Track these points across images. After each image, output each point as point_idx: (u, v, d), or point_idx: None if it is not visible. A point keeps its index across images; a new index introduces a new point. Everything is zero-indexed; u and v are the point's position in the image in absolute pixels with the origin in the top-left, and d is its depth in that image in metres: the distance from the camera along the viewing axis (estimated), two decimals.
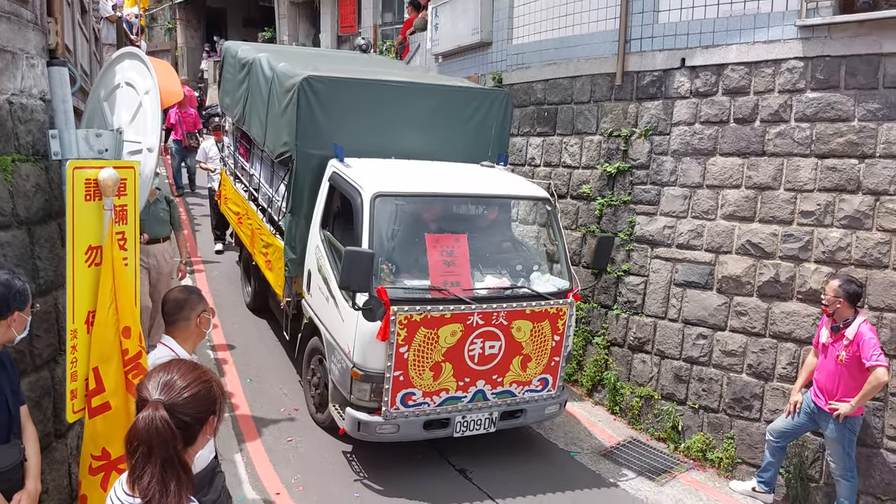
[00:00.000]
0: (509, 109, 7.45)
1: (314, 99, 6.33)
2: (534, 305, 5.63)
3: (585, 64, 8.42)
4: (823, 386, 5.68)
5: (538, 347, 5.76)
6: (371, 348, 5.25)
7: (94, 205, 3.19)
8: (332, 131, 6.43)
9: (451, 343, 5.37)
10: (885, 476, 5.82)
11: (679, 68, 7.41)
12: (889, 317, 5.89)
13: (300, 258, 6.58)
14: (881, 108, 6.04)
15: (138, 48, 10.81)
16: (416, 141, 6.84)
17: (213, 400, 2.07)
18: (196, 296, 3.51)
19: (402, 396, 5.34)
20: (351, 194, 5.78)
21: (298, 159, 6.45)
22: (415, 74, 8.11)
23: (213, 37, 26.05)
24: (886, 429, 5.84)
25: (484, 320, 5.43)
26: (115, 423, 3.20)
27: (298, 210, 6.55)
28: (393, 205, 5.75)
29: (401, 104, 6.74)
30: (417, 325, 5.21)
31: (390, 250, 5.66)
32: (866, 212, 6.06)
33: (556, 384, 5.99)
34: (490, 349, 5.53)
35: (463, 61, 11.08)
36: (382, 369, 5.27)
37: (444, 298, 5.37)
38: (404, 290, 5.39)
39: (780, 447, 6.03)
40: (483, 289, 5.65)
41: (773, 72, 6.66)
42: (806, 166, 6.42)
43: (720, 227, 6.96)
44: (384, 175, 6.05)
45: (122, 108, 3.87)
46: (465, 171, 6.65)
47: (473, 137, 7.18)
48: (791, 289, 6.43)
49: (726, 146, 6.99)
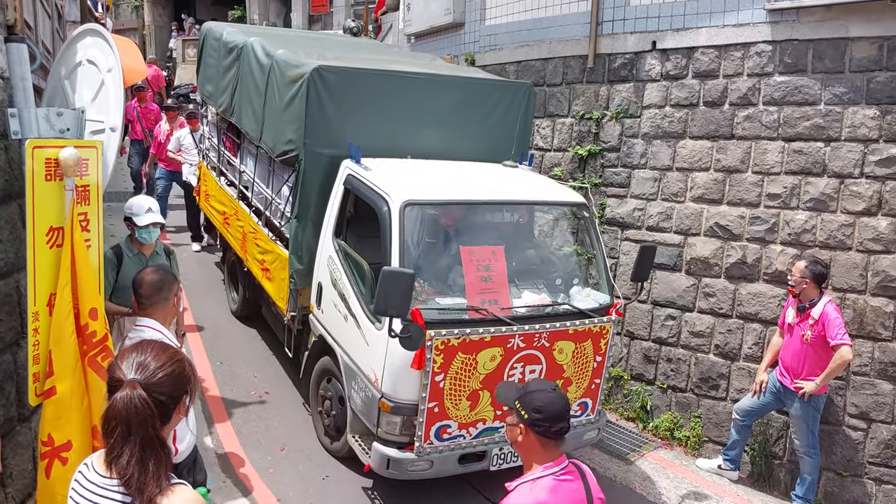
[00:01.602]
0: (532, 103, 6.80)
1: (325, 92, 5.66)
2: (577, 325, 5.08)
3: (558, 46, 8.41)
4: (789, 365, 5.79)
5: (579, 370, 5.22)
6: (403, 377, 4.67)
7: (55, 185, 3.12)
8: (344, 128, 5.81)
9: (490, 369, 4.80)
10: (847, 452, 5.96)
11: (650, 51, 7.43)
12: (852, 297, 6.01)
13: (308, 269, 5.94)
14: (847, 92, 6.12)
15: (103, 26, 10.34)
16: (433, 138, 6.24)
17: (186, 379, 2.07)
18: (171, 275, 3.55)
19: (436, 430, 4.76)
20: (374, 201, 5.14)
21: (307, 159, 5.77)
22: (423, 63, 7.41)
23: (181, 15, 25.60)
24: (848, 407, 5.98)
25: (525, 342, 4.86)
26: (61, 409, 3.12)
27: (306, 216, 5.89)
28: (424, 214, 5.15)
29: (418, 98, 6.12)
30: (455, 350, 4.64)
31: (422, 265, 5.06)
32: (831, 194, 6.16)
33: (596, 408, 5.48)
34: (531, 374, 4.99)
35: (436, 42, 11.00)
36: (415, 400, 4.68)
37: (482, 319, 4.80)
38: (439, 311, 4.81)
39: (745, 426, 6.15)
40: (522, 307, 5.08)
41: (742, 55, 6.72)
42: (773, 149, 6.50)
43: (689, 210, 7.03)
44: (411, 180, 5.43)
45: (83, 86, 3.78)
46: (492, 173, 6.05)
47: (494, 134, 6.55)
48: (757, 270, 6.52)
49: (696, 129, 7.04)
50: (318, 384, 5.87)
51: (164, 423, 2.00)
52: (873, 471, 5.87)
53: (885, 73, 5.95)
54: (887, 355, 5.83)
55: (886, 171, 5.91)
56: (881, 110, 5.95)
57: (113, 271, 4.56)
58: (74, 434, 3.15)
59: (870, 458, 5.88)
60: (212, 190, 8.80)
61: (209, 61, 8.88)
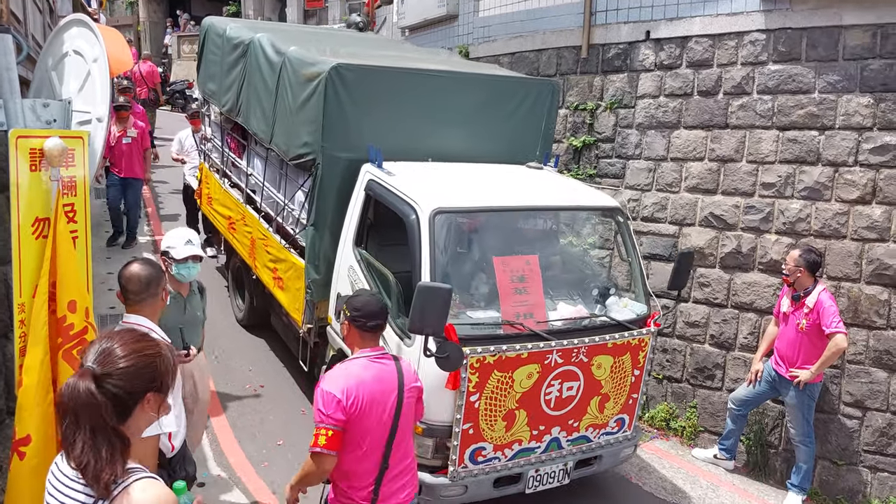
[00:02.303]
0: (556, 101, 6.50)
1: (344, 92, 5.34)
2: (616, 338, 4.81)
3: (552, 36, 8.38)
4: (784, 354, 5.79)
5: (617, 385, 4.95)
6: (436, 398, 4.34)
7: (40, 175, 3.10)
8: (363, 129, 5.50)
9: (527, 387, 4.54)
10: (842, 441, 5.96)
11: (644, 41, 7.40)
12: (847, 286, 6.01)
13: (325, 279, 5.60)
14: (841, 80, 6.10)
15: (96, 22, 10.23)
16: (454, 139, 5.93)
17: (150, 376, 1.94)
18: (158, 269, 3.45)
19: (471, 452, 4.51)
20: (399, 209, 4.85)
21: (324, 164, 5.45)
22: (440, 59, 7.09)
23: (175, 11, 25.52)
24: (843, 395, 5.98)
25: (563, 358, 4.59)
26: (25, 401, 3.01)
27: (323, 223, 5.58)
28: (454, 222, 4.88)
29: (439, 97, 5.80)
30: (490, 368, 4.38)
31: (453, 277, 4.75)
32: (825, 183, 6.15)
33: (633, 424, 5.23)
34: (568, 391, 4.72)
35: (430, 35, 10.97)
36: (448, 422, 4.41)
37: (517, 335, 4.52)
38: (472, 327, 4.54)
39: (741, 415, 6.15)
40: (559, 320, 4.82)
41: (736, 44, 6.69)
42: (767, 138, 6.48)
43: (684, 200, 7.01)
44: (439, 185, 5.13)
45: (70, 77, 3.75)
46: (520, 177, 5.76)
47: (517, 134, 6.24)
48: (752, 260, 6.51)
49: (690, 119, 7.02)
50: None
51: (123, 418, 1.90)
52: (868, 459, 5.87)
53: (879, 61, 5.93)
54: (882, 343, 5.82)
55: (880, 158, 5.89)
56: (875, 98, 5.93)
57: None
58: (34, 428, 3.04)
59: (865, 446, 5.88)
60: (215, 193, 8.38)
61: (211, 58, 8.43)
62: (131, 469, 1.89)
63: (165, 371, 1.99)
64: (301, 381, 6.70)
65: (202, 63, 8.80)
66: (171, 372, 2.01)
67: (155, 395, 1.96)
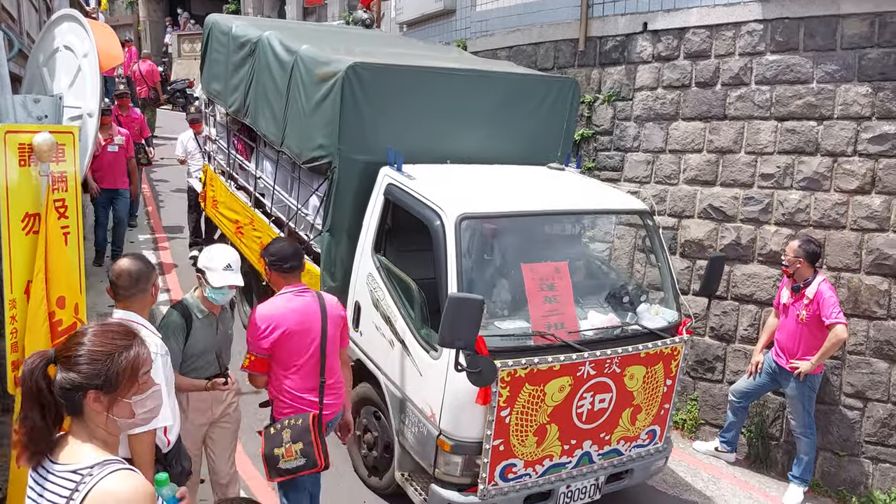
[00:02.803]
0: (577, 100, 6.28)
1: (361, 92, 5.14)
2: (649, 347, 4.63)
3: (549, 30, 8.35)
4: (784, 345, 5.76)
5: (649, 395, 4.78)
6: (466, 413, 4.24)
7: (30, 170, 3.10)
8: (381, 131, 5.31)
9: (559, 400, 4.37)
10: (843, 432, 5.93)
11: (641, 32, 7.37)
12: (847, 276, 5.97)
13: (342, 287, 5.41)
14: (839, 70, 6.06)
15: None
16: (473, 140, 5.73)
17: (91, 373, 1.87)
18: (148, 264, 3.42)
19: (501, 469, 4.33)
20: (423, 214, 4.68)
21: (341, 167, 5.26)
22: (452, 56, 6.89)
23: (175, 10, 25.51)
24: (844, 386, 5.95)
25: (596, 370, 4.41)
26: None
27: (340, 229, 5.39)
28: (481, 228, 4.72)
29: (458, 96, 5.61)
30: (522, 381, 4.19)
31: (481, 286, 4.60)
32: (824, 173, 6.11)
33: (664, 435, 5.06)
34: (600, 403, 4.54)
35: (427, 30, 10.95)
36: (478, 438, 4.24)
37: (548, 346, 4.34)
38: (501, 338, 4.35)
39: (741, 407, 6.13)
40: (591, 329, 4.64)
41: (733, 35, 6.65)
42: (766, 129, 6.44)
43: (683, 192, 6.98)
44: (463, 190, 4.93)
45: (61, 72, 3.74)
46: (543, 179, 5.54)
47: (538, 134, 6.04)
48: (752, 251, 6.48)
49: (688, 110, 6.99)
50: (357, 413, 5.31)
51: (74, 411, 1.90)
52: (870, 450, 5.84)
53: (877, 50, 5.89)
54: (882, 333, 5.79)
55: (879, 148, 5.85)
56: (873, 87, 5.89)
57: (181, 336, 3.82)
58: None
59: (866, 437, 5.85)
60: (221, 196, 8.11)
61: (216, 57, 8.09)
62: (108, 461, 1.88)
63: (114, 372, 1.90)
64: None
65: (206, 62, 8.50)
66: (122, 374, 1.92)
67: (99, 394, 1.89)
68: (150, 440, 3.18)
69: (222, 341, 4.10)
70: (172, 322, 3.79)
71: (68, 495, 1.82)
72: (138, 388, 1.97)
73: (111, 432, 1.97)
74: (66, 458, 1.89)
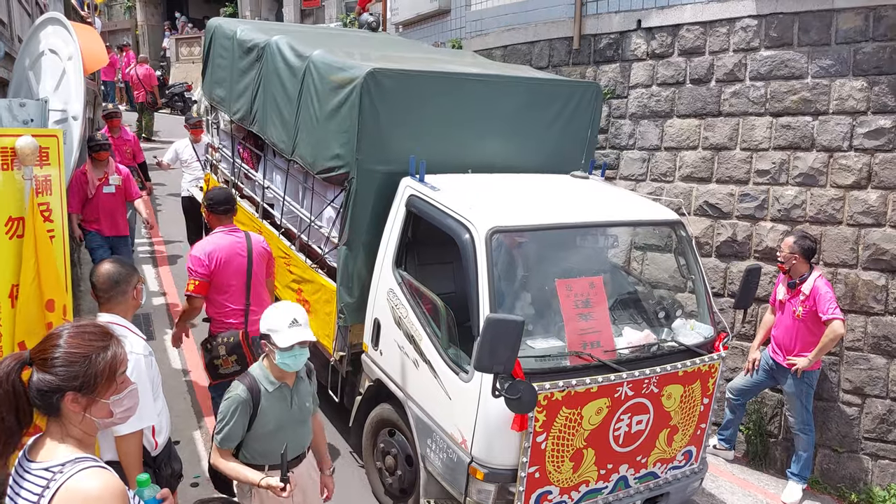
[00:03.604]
0: (600, 105, 6.04)
1: (380, 99, 4.88)
2: (687, 365, 4.42)
3: (543, 28, 8.33)
4: (781, 342, 5.73)
5: (686, 415, 4.55)
6: (500, 439, 4.00)
7: (13, 174, 3.08)
8: (400, 140, 5.05)
9: (596, 423, 4.14)
10: (841, 428, 5.90)
11: (635, 30, 7.34)
12: (844, 272, 5.94)
13: (359, 303, 5.16)
14: (834, 65, 6.03)
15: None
16: (495, 148, 5.49)
17: (68, 375, 1.87)
18: (129, 268, 3.39)
19: (537, 497, 4.12)
20: (450, 228, 4.42)
21: (359, 178, 4.99)
22: (467, 61, 6.69)
23: (173, 14, 25.54)
24: (842, 382, 5.92)
25: (633, 390, 4.19)
26: None
27: (357, 242, 5.12)
28: (513, 243, 4.48)
29: (480, 103, 5.36)
30: (559, 405, 3.97)
31: (513, 304, 4.41)
32: (820, 169, 6.08)
33: (700, 456, 4.82)
34: (637, 425, 4.32)
35: (423, 30, 10.93)
36: (513, 465, 4.01)
37: (585, 366, 4.12)
38: (536, 360, 4.11)
39: (739, 404, 6.09)
40: (627, 348, 4.42)
41: (727, 31, 6.63)
42: (761, 125, 6.41)
43: (678, 189, 6.95)
44: (491, 201, 4.65)
45: (46, 76, 3.73)
46: (571, 188, 5.31)
47: (561, 141, 5.78)
48: (748, 248, 6.45)
49: (683, 107, 6.96)
50: (375, 435, 5.11)
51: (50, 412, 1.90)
52: (869, 446, 5.81)
53: (872, 44, 5.86)
54: (880, 329, 5.76)
55: (875, 142, 5.83)
56: (868, 81, 5.86)
57: (246, 415, 3.31)
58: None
59: (865, 433, 5.82)
60: None
61: (219, 62, 7.76)
62: (80, 458, 1.87)
63: (92, 373, 1.90)
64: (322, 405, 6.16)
65: (208, 67, 8.15)
66: (100, 375, 1.92)
67: (77, 395, 1.89)
68: (137, 442, 3.17)
69: (296, 417, 3.50)
70: (239, 398, 3.29)
71: (39, 492, 1.82)
72: (116, 388, 1.97)
73: (88, 432, 1.98)
74: (42, 456, 1.89)
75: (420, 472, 4.59)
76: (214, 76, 7.97)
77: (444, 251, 4.55)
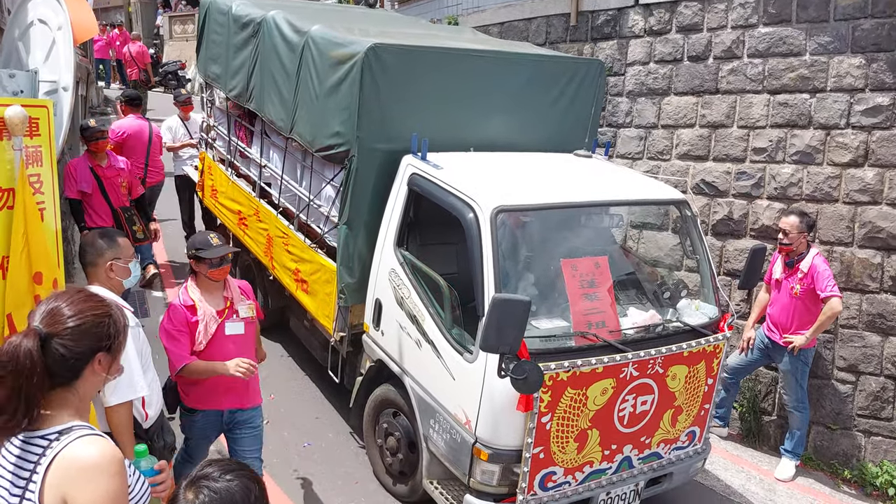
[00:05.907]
0: (603, 83, 5.96)
1: (381, 76, 4.78)
2: (692, 345, 4.40)
3: (540, 4, 8.25)
4: (777, 320, 5.73)
5: (690, 396, 4.55)
6: (505, 420, 3.99)
7: (2, 145, 3.03)
8: (402, 117, 4.97)
9: (601, 404, 4.13)
10: (835, 405, 5.92)
11: (633, 6, 7.28)
12: (839, 250, 5.94)
13: (360, 283, 5.12)
14: (832, 42, 5.99)
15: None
16: (498, 126, 5.41)
17: (100, 336, 1.91)
18: (105, 240, 3.40)
19: (541, 478, 4.10)
20: (453, 207, 4.38)
21: (360, 156, 4.91)
22: (466, 37, 6.54)
23: None
24: (837, 360, 5.93)
25: (639, 370, 4.18)
26: None
27: (358, 221, 5.05)
28: (518, 222, 4.45)
29: (482, 80, 5.26)
30: (564, 385, 3.95)
31: (519, 284, 4.36)
32: (817, 146, 6.06)
33: (703, 436, 4.82)
34: (642, 405, 4.31)
35: (420, 6, 10.84)
36: (517, 446, 4.00)
37: (590, 346, 4.11)
38: (542, 340, 4.08)
39: (733, 383, 6.11)
40: (633, 328, 4.40)
41: (725, 7, 6.57)
42: (758, 103, 6.38)
43: (675, 167, 6.93)
44: (495, 180, 4.63)
45: (36, 46, 3.67)
46: (575, 167, 5.25)
47: (564, 119, 5.71)
48: (744, 226, 6.44)
49: (680, 85, 6.92)
50: (377, 416, 5.10)
51: (71, 379, 1.88)
52: (862, 423, 5.84)
53: (871, 21, 5.81)
54: (875, 307, 5.76)
55: (873, 120, 5.80)
56: (867, 58, 5.82)
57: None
58: None
59: (859, 410, 5.85)
60: (221, 185, 7.62)
61: (214, 38, 7.61)
62: (76, 426, 1.86)
63: (116, 331, 1.97)
64: (321, 384, 6.32)
65: (203, 44, 8.00)
66: (122, 332, 1.99)
67: (105, 356, 1.94)
68: (127, 412, 3.17)
69: None
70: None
71: (35, 460, 1.80)
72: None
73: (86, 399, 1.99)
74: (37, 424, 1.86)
75: (422, 452, 4.58)
76: (209, 52, 7.84)
77: (446, 231, 4.49)
